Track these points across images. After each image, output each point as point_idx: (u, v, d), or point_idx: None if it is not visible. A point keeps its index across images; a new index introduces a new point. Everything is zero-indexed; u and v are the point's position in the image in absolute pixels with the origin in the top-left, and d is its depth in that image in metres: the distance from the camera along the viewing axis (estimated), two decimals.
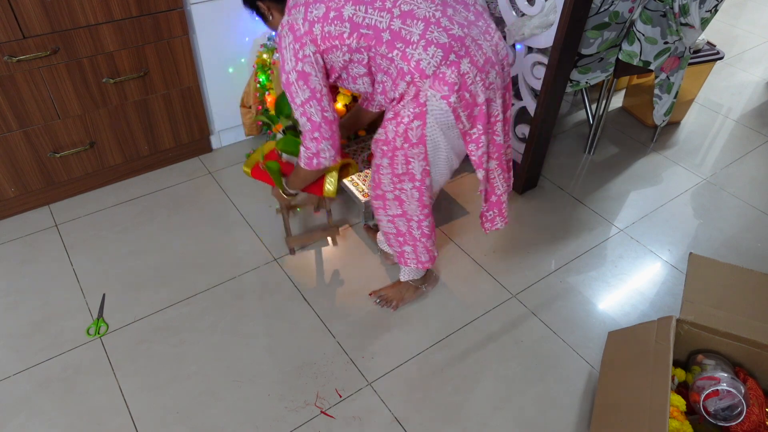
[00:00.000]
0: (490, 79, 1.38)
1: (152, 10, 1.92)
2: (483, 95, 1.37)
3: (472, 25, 1.37)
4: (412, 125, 1.37)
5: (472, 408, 1.60)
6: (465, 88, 1.34)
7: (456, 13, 1.36)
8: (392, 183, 1.50)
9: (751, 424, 1.40)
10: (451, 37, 1.32)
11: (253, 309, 1.82)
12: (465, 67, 1.33)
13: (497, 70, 1.40)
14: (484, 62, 1.36)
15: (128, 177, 2.28)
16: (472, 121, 1.41)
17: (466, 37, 1.34)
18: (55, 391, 1.58)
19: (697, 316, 1.49)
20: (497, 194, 1.63)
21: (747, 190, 2.42)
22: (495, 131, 1.49)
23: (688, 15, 2.07)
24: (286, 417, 1.55)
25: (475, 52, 1.34)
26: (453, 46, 1.31)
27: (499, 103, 1.45)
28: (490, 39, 1.40)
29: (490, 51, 1.38)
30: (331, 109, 1.42)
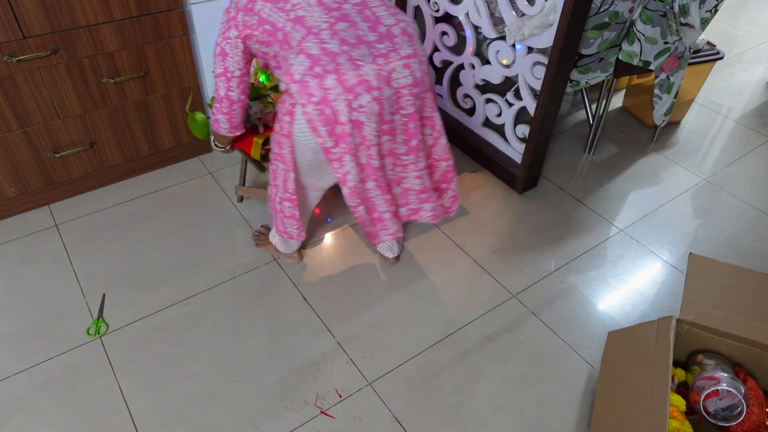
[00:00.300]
0: (360, 101, 1.36)
1: (152, 10, 1.92)
2: (346, 115, 1.36)
3: (361, 45, 1.36)
4: (284, 118, 1.45)
5: (472, 408, 1.60)
6: (326, 103, 1.35)
7: (348, 29, 1.37)
8: (274, 156, 1.60)
9: (751, 424, 1.40)
10: (323, 50, 1.34)
11: (253, 309, 1.82)
12: (329, 83, 1.34)
13: (375, 95, 1.37)
14: (355, 83, 1.35)
15: (128, 177, 2.28)
16: (335, 138, 1.41)
17: (340, 54, 1.34)
18: (55, 391, 1.58)
19: (697, 316, 1.49)
20: (379, 212, 1.68)
21: (747, 190, 2.42)
22: (370, 155, 1.48)
23: (688, 15, 2.07)
24: (286, 417, 1.55)
25: (346, 71, 1.34)
26: (321, 60, 1.34)
27: (372, 128, 1.42)
28: (383, 64, 1.38)
29: (373, 75, 1.36)
30: (239, 92, 1.54)
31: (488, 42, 2.19)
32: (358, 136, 1.42)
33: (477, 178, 2.41)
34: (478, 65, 2.28)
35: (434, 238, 2.11)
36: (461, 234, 2.13)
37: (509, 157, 2.35)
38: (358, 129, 1.40)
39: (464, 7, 2.19)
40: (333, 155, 1.45)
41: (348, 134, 1.40)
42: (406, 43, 1.43)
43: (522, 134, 2.23)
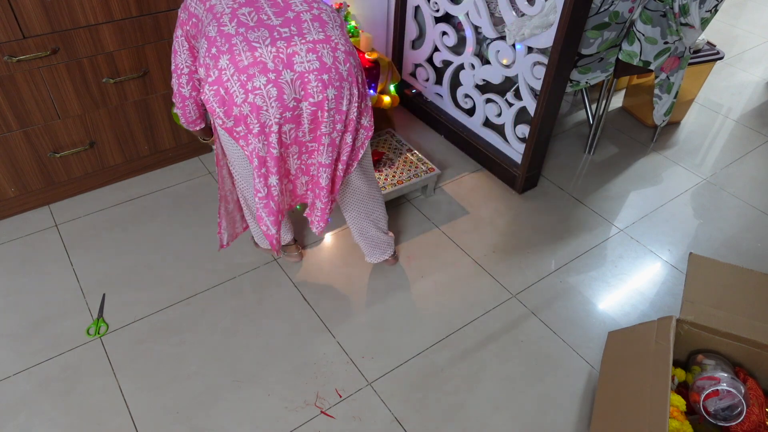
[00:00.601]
0: (254, 83, 1.33)
1: (152, 10, 1.92)
2: (241, 97, 1.34)
3: (262, 28, 1.35)
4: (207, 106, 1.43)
5: (472, 408, 1.60)
6: (220, 83, 1.34)
7: (250, 14, 1.35)
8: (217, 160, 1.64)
9: (751, 424, 1.39)
10: (220, 32, 1.34)
11: (253, 309, 1.82)
12: (222, 63, 1.33)
13: (272, 78, 1.33)
14: (249, 64, 1.32)
15: (128, 177, 2.28)
16: (234, 120, 1.38)
17: (236, 36, 1.33)
18: (55, 391, 1.58)
19: (697, 316, 1.49)
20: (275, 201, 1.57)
21: (747, 190, 2.42)
22: (270, 143, 1.42)
23: (688, 15, 2.07)
24: (286, 417, 1.55)
25: (240, 52, 1.32)
26: (216, 41, 1.34)
27: (272, 113, 1.37)
28: (283, 47, 1.35)
29: (269, 57, 1.33)
30: (189, 88, 1.54)
31: (488, 42, 2.19)
32: (255, 120, 1.38)
33: (477, 178, 2.41)
34: (478, 65, 2.28)
35: (434, 238, 2.11)
36: (461, 234, 2.13)
37: (509, 157, 2.35)
38: (255, 113, 1.36)
39: (464, 7, 2.19)
40: (237, 134, 1.42)
41: (245, 116, 1.37)
42: (316, 29, 1.39)
43: (522, 134, 2.23)
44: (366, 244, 1.89)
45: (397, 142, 2.32)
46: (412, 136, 2.61)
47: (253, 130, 1.39)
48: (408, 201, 2.26)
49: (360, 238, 1.88)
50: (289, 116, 1.40)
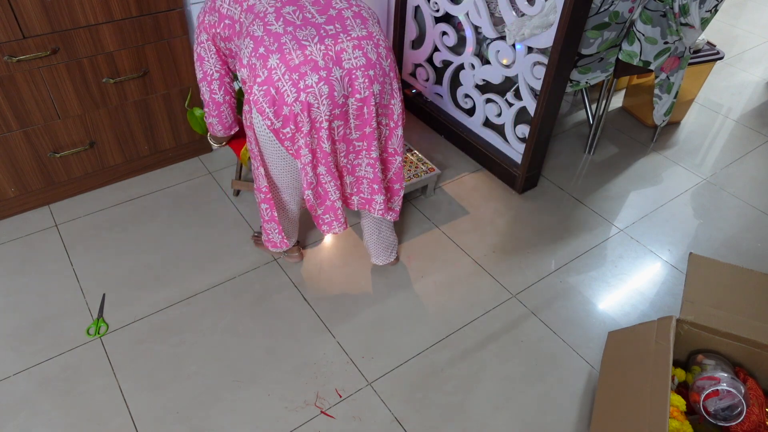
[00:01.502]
0: (306, 81, 1.33)
1: (152, 10, 1.92)
2: (293, 96, 1.34)
3: (308, 26, 1.35)
4: (245, 107, 1.43)
5: (472, 408, 1.60)
6: (270, 83, 1.33)
7: (294, 12, 1.35)
8: (250, 154, 1.58)
9: (751, 424, 1.40)
10: (267, 32, 1.34)
11: (253, 309, 1.82)
12: (272, 63, 1.32)
13: (323, 75, 1.34)
14: (300, 63, 1.32)
15: (128, 177, 2.28)
16: (283, 119, 1.38)
17: (284, 35, 1.33)
18: (55, 391, 1.58)
19: (697, 316, 1.49)
20: (331, 200, 1.61)
21: (747, 190, 2.42)
22: (320, 137, 1.44)
23: (688, 15, 2.07)
24: (286, 417, 1.55)
25: (290, 51, 1.32)
26: (264, 41, 1.33)
27: (323, 110, 1.38)
28: (331, 44, 1.35)
29: (319, 55, 1.34)
30: (222, 93, 1.56)
31: (488, 42, 2.19)
32: (306, 118, 1.38)
33: (477, 178, 2.41)
34: (478, 65, 2.28)
35: (434, 238, 2.11)
36: (461, 234, 2.13)
37: (509, 157, 2.35)
38: (306, 111, 1.37)
39: (464, 7, 2.19)
40: (284, 135, 1.42)
41: (295, 115, 1.37)
42: (359, 25, 1.40)
43: (522, 134, 2.23)
44: (377, 246, 1.89)
45: None
46: (412, 136, 2.61)
47: (302, 129, 1.40)
48: (408, 201, 2.26)
49: (372, 239, 1.88)
50: (338, 113, 1.41)
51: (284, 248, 1.81)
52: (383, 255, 1.92)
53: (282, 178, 1.60)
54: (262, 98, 1.35)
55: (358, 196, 1.70)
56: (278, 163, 1.55)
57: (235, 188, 2.22)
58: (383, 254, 1.92)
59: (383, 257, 1.93)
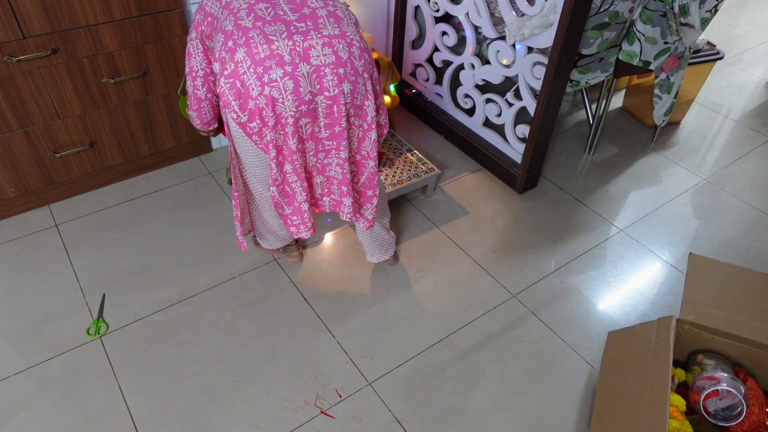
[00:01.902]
0: (270, 75, 1.33)
1: (152, 10, 1.92)
2: (257, 89, 1.34)
3: (278, 22, 1.36)
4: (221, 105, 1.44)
5: (472, 408, 1.60)
6: (236, 76, 1.35)
7: (267, 9, 1.37)
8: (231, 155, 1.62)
9: (751, 424, 1.40)
10: (237, 26, 1.36)
11: (253, 309, 1.82)
12: (239, 56, 1.34)
13: (288, 71, 1.33)
14: (265, 57, 1.33)
15: (128, 177, 2.28)
16: (249, 113, 1.38)
17: (253, 29, 1.34)
18: (55, 391, 1.58)
19: (697, 316, 1.49)
20: (298, 201, 1.57)
21: (747, 190, 2.42)
22: (286, 134, 1.42)
23: (688, 15, 2.07)
24: (286, 417, 1.55)
25: (257, 45, 1.33)
26: (233, 34, 1.36)
27: (288, 106, 1.37)
28: (300, 41, 1.35)
29: (286, 50, 1.34)
30: (205, 90, 1.60)
31: (488, 42, 2.19)
32: (271, 113, 1.37)
33: (477, 178, 2.41)
34: (478, 65, 2.28)
35: (434, 238, 2.11)
36: (461, 234, 2.13)
37: (509, 157, 2.35)
38: (271, 105, 1.36)
39: (464, 7, 2.19)
40: (251, 130, 1.42)
41: (260, 109, 1.36)
42: (332, 24, 1.40)
43: (522, 134, 2.23)
44: (370, 243, 1.89)
45: (397, 142, 2.32)
46: (412, 136, 2.61)
47: (268, 123, 1.39)
48: (408, 201, 2.26)
49: (365, 237, 1.88)
50: (305, 110, 1.40)
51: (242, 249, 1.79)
52: (377, 253, 1.92)
53: (257, 174, 1.59)
54: (228, 90, 1.36)
55: (329, 197, 1.67)
56: (250, 159, 1.54)
57: (229, 177, 2.27)
58: (377, 252, 1.92)
59: (377, 255, 1.93)
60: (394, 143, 2.32)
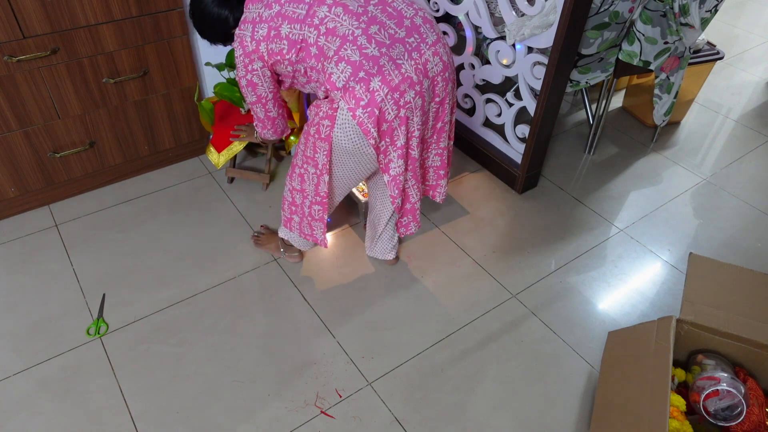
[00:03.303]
0: (405, 98, 1.41)
1: (152, 10, 1.92)
2: (393, 113, 1.41)
3: (396, 43, 1.41)
4: (323, 122, 1.47)
5: (472, 408, 1.60)
6: (373, 104, 1.39)
7: (380, 31, 1.40)
8: (302, 160, 1.61)
9: (751, 424, 1.40)
10: (364, 56, 1.38)
11: (253, 309, 1.82)
12: (375, 85, 1.38)
13: (417, 90, 1.42)
14: (399, 82, 1.40)
15: (128, 177, 2.28)
16: (380, 134, 1.45)
17: (381, 57, 1.38)
18: (55, 391, 1.58)
19: (697, 316, 1.49)
20: (411, 202, 1.72)
21: (747, 190, 2.42)
22: (410, 146, 1.52)
23: (688, 15, 2.07)
24: (286, 417, 1.55)
25: (389, 72, 1.39)
26: (363, 65, 1.38)
27: (416, 120, 1.47)
28: (418, 57, 1.42)
29: (412, 70, 1.41)
30: (276, 108, 1.63)
31: (488, 42, 2.19)
32: (403, 130, 1.47)
33: (477, 178, 2.41)
34: (478, 65, 2.28)
35: (434, 238, 2.11)
36: (461, 234, 2.13)
37: (509, 157, 2.35)
38: (404, 124, 1.45)
39: (464, 7, 2.19)
40: (379, 149, 1.50)
41: (393, 129, 1.45)
42: (430, 30, 1.47)
43: (522, 134, 2.23)
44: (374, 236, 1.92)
45: None
46: None
47: (397, 143, 1.48)
48: None
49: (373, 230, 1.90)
50: (424, 119, 1.52)
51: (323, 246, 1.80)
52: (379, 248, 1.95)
53: (344, 184, 1.63)
54: (367, 119, 1.41)
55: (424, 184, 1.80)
56: (350, 174, 1.58)
57: (229, 176, 2.27)
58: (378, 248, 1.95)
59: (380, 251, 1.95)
60: None
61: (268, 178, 2.26)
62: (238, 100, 2.07)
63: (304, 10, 1.41)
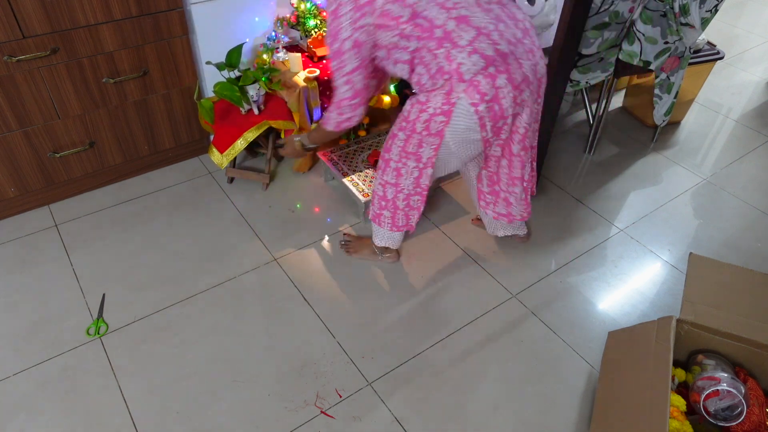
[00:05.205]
0: (523, 96, 1.45)
1: (152, 10, 1.92)
2: (511, 110, 1.44)
3: (518, 43, 1.43)
4: (436, 118, 1.44)
5: (472, 408, 1.60)
6: (496, 101, 1.41)
7: (507, 29, 1.42)
8: (399, 155, 1.58)
9: (751, 424, 1.40)
10: (497, 51, 1.38)
11: (253, 309, 1.82)
12: (501, 82, 1.39)
13: (532, 89, 1.47)
14: (521, 81, 1.43)
15: (128, 177, 2.28)
16: (496, 131, 1.48)
17: (509, 55, 1.40)
18: (55, 391, 1.58)
19: (697, 316, 1.49)
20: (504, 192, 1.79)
21: (747, 190, 2.42)
22: (513, 140, 1.59)
23: (688, 15, 2.07)
24: (286, 417, 1.55)
25: (514, 70, 1.41)
26: (495, 60, 1.38)
27: (524, 118, 1.52)
28: (532, 58, 1.46)
29: (530, 70, 1.45)
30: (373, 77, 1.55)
31: None
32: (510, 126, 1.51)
33: None
34: None
35: (434, 238, 2.11)
36: (461, 234, 2.13)
37: None
38: (515, 119, 1.50)
39: None
40: (488, 142, 1.53)
41: (508, 126, 1.49)
42: (536, 35, 1.50)
43: None
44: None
45: None
46: None
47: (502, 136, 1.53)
48: None
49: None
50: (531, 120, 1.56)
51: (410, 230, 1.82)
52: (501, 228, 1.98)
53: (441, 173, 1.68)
54: (486, 114, 1.42)
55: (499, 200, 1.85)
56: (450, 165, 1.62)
57: (229, 176, 2.27)
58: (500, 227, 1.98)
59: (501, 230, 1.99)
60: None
61: (268, 178, 2.26)
62: (237, 100, 2.07)
63: None
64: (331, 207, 2.21)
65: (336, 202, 2.23)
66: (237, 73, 2.10)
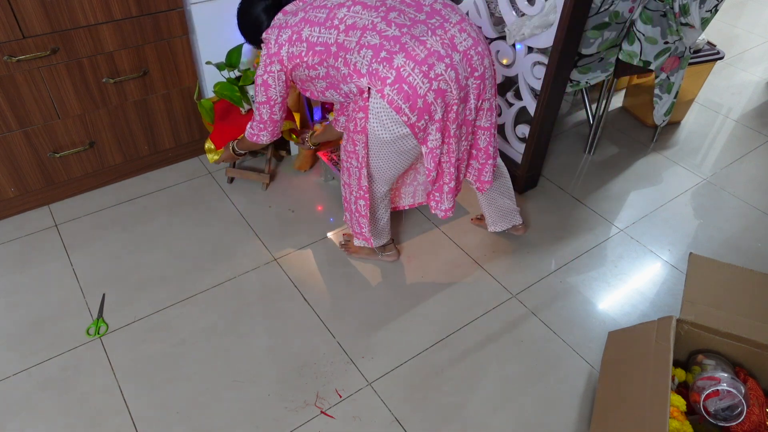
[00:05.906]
0: (435, 71, 1.42)
1: (152, 10, 1.92)
2: (425, 86, 1.42)
3: (417, 24, 1.44)
4: (358, 116, 1.51)
5: (472, 408, 1.60)
6: (401, 80, 1.40)
7: (400, 15, 1.44)
8: (345, 155, 1.67)
9: (751, 424, 1.39)
10: (384, 37, 1.41)
11: (253, 309, 1.82)
12: (398, 62, 1.40)
13: (448, 62, 1.43)
14: (426, 56, 1.41)
15: (128, 177, 2.28)
16: (416, 112, 1.45)
17: (402, 36, 1.41)
18: (55, 391, 1.58)
19: (697, 316, 1.49)
20: (444, 181, 1.70)
21: (747, 190, 2.42)
22: (448, 119, 1.52)
23: (688, 15, 2.07)
24: (286, 417, 1.55)
25: (413, 48, 1.41)
26: (384, 45, 1.40)
27: (454, 95, 1.47)
28: (443, 34, 1.44)
29: (438, 45, 1.42)
30: (280, 113, 1.69)
31: (489, 42, 2.19)
32: (441, 104, 1.46)
33: None
34: None
35: (434, 238, 2.11)
36: (461, 234, 2.13)
37: (509, 157, 2.35)
38: (441, 97, 1.44)
39: (464, 7, 2.19)
40: (418, 129, 1.49)
41: (429, 104, 1.44)
42: (452, 12, 1.49)
43: (522, 134, 2.23)
44: (493, 213, 2.00)
45: None
46: None
47: (435, 117, 1.47)
48: None
49: (488, 207, 2.00)
50: (463, 95, 1.50)
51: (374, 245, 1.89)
52: (500, 222, 2.02)
53: (385, 176, 1.67)
54: (396, 96, 1.41)
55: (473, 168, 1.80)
56: (390, 162, 1.61)
57: (229, 176, 2.28)
58: (500, 221, 2.02)
59: (500, 224, 2.02)
60: None
61: (268, 178, 2.26)
62: (238, 100, 2.07)
63: (325, 14, 1.46)
64: (331, 207, 2.21)
65: (336, 201, 2.23)
66: (237, 73, 2.10)
